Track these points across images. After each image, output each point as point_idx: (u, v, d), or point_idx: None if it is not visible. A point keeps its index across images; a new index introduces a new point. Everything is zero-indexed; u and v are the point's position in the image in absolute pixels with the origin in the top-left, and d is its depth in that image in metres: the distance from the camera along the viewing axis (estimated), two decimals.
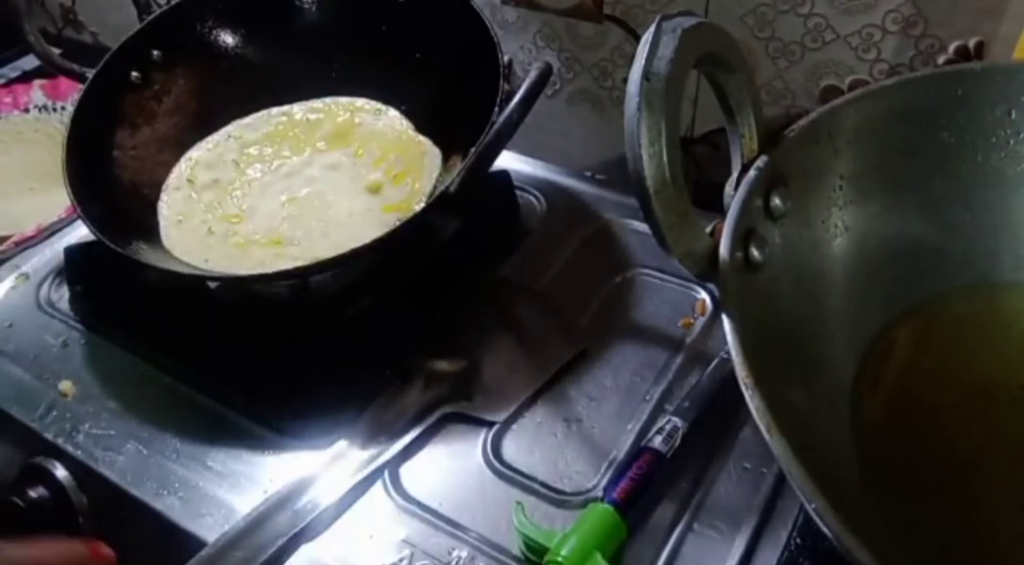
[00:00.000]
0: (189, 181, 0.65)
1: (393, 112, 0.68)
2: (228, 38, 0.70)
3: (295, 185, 0.64)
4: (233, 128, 0.68)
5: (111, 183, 0.62)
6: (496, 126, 0.52)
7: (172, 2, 0.69)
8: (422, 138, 0.65)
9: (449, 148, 0.63)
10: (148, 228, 0.61)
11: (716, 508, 0.45)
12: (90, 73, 0.64)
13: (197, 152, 0.67)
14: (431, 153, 0.64)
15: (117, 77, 0.65)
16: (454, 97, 0.63)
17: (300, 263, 0.53)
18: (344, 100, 0.69)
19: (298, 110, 0.69)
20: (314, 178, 0.64)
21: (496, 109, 0.54)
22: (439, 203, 0.54)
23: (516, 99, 0.52)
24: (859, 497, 0.40)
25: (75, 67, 0.66)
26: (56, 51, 0.69)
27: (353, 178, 0.63)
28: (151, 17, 0.68)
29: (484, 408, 0.51)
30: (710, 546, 0.44)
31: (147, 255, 0.57)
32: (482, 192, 0.62)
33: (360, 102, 0.69)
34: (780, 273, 0.42)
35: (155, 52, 0.67)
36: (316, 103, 0.70)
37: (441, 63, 0.65)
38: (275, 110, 0.70)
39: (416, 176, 0.62)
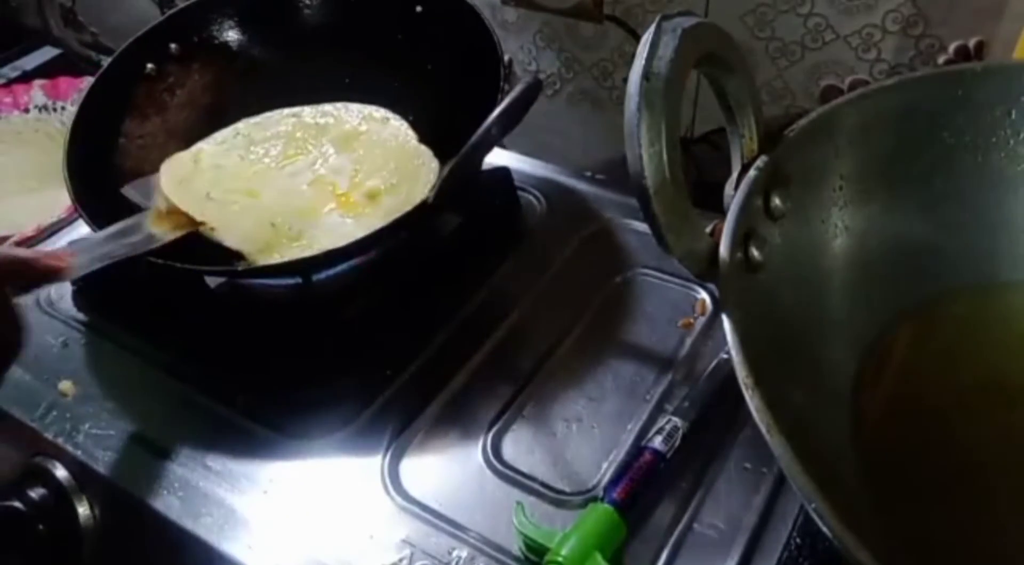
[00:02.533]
0: None
1: (399, 121, 0.68)
2: (247, 38, 0.71)
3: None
4: (242, 125, 0.68)
5: (110, 169, 0.62)
6: (473, 140, 0.51)
7: None
8: (423, 148, 0.65)
9: (449, 158, 0.63)
10: None
11: (716, 508, 0.45)
12: (106, 60, 0.64)
13: (204, 145, 0.67)
14: (428, 164, 0.64)
15: (133, 66, 0.66)
16: (456, 108, 0.63)
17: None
18: (355, 106, 0.69)
19: (308, 113, 0.69)
20: (316, 180, 0.64)
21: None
22: (418, 213, 0.54)
23: (495, 114, 0.52)
24: (859, 497, 0.40)
25: (92, 54, 0.66)
26: (57, 51, 0.69)
27: (353, 184, 0.63)
28: (173, 11, 0.69)
29: None
30: (710, 546, 0.44)
31: None
32: (483, 190, 0.62)
33: (369, 110, 0.69)
34: (780, 273, 0.42)
35: (173, 45, 0.68)
36: (327, 107, 0.69)
37: (448, 75, 0.65)
38: (286, 111, 0.69)
39: (412, 186, 0.62)
